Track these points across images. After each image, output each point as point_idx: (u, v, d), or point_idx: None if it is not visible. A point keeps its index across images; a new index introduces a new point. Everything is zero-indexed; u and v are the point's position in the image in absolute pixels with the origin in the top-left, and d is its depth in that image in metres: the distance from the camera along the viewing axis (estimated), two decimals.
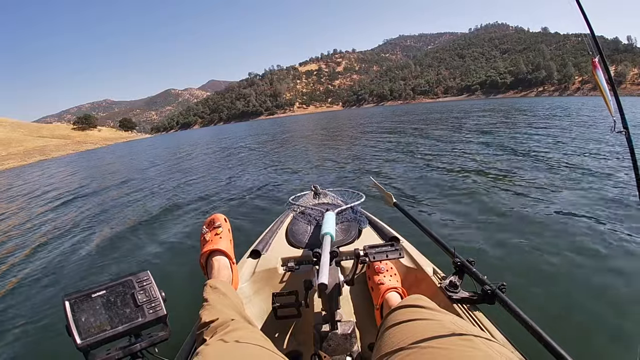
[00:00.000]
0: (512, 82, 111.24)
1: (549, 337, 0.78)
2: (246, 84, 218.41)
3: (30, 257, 3.68)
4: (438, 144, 8.35)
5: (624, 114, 0.96)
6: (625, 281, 2.03)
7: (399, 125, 16.49)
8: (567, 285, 2.03)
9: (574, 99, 46.30)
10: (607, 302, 1.85)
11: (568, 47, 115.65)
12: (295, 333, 1.20)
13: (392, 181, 4.96)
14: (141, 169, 10.96)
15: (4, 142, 44.65)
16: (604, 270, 2.16)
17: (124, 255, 3.33)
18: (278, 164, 8.07)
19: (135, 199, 5.93)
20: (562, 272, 2.16)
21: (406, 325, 0.71)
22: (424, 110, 33.44)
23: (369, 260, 1.04)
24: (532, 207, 3.34)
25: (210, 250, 1.12)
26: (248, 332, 0.77)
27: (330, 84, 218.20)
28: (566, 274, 2.15)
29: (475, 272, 1.06)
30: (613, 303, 1.84)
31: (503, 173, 4.79)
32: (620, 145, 6.14)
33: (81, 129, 72.09)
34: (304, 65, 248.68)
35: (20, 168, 25.16)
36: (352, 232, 1.50)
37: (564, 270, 2.18)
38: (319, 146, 11.03)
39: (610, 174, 4.36)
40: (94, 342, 0.68)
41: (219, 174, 7.60)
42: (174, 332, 0.80)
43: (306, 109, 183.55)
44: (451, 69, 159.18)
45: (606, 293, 1.93)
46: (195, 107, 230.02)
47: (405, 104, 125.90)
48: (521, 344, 0.85)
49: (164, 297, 0.78)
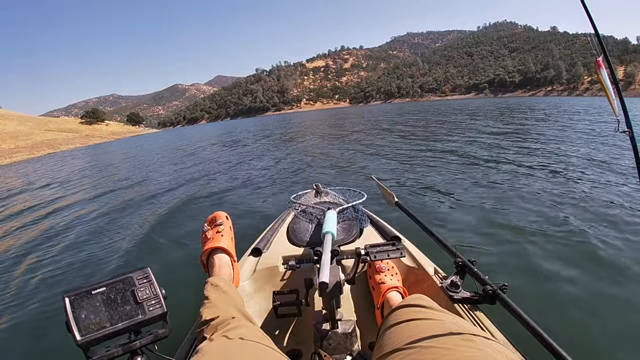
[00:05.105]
0: (521, 81, 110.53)
1: (550, 337, 0.78)
2: (253, 80, 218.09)
3: (30, 254, 3.69)
4: (442, 144, 8.29)
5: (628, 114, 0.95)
6: (626, 282, 2.01)
7: (406, 123, 16.41)
8: (568, 286, 2.01)
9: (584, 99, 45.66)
10: (608, 302, 1.84)
11: (577, 46, 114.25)
12: (296, 331, 1.20)
13: (394, 180, 4.94)
14: (143, 165, 11.00)
15: (12, 135, 45.08)
16: (605, 271, 2.15)
17: (124, 252, 3.32)
18: (281, 161, 8.07)
19: (136, 196, 5.94)
20: (564, 273, 2.15)
21: (407, 324, 0.71)
22: (432, 108, 33.22)
23: (370, 259, 1.05)
24: (534, 208, 3.31)
25: (211, 248, 1.12)
26: (248, 330, 0.77)
27: (337, 81, 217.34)
28: (567, 274, 2.13)
29: (477, 272, 1.06)
30: (614, 304, 1.83)
31: (506, 174, 4.75)
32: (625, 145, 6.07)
33: (89, 123, 72.54)
34: (311, 61, 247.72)
35: (28, 161, 25.37)
36: (353, 231, 1.50)
37: (566, 271, 2.17)
38: (323, 144, 11.00)
39: (615, 174, 4.32)
40: (94, 338, 0.68)
41: (221, 171, 7.61)
42: (174, 330, 0.80)
43: (313, 106, 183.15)
44: (459, 67, 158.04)
45: (607, 294, 1.92)
46: (202, 102, 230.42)
47: (413, 101, 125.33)
48: (522, 345, 0.86)
49: (164, 294, 0.79)
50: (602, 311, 1.78)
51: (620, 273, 2.12)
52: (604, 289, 1.97)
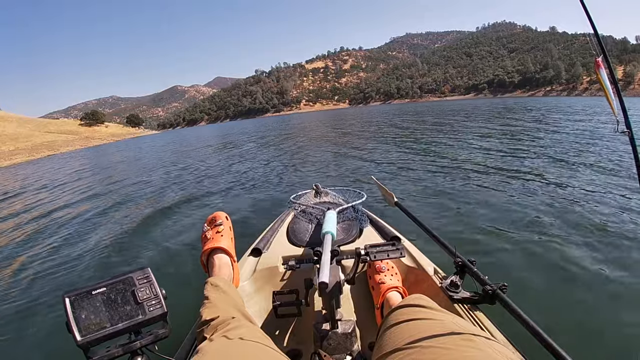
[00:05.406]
0: (520, 81, 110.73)
1: (550, 337, 0.78)
2: (253, 81, 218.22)
3: (30, 254, 3.69)
4: (442, 144, 8.30)
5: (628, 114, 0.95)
6: (626, 282, 2.01)
7: (405, 124, 16.43)
8: (569, 286, 2.02)
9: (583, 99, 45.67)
10: (608, 303, 1.84)
11: (576, 46, 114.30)
12: (296, 332, 1.20)
13: (394, 181, 4.95)
14: (143, 166, 11.01)
15: (11, 137, 45.09)
16: (605, 271, 2.14)
17: (125, 252, 3.33)
18: (280, 162, 8.08)
19: (136, 197, 5.95)
20: (564, 273, 2.15)
21: (407, 324, 0.71)
22: (431, 109, 33.26)
23: (369, 259, 1.05)
24: (534, 208, 3.31)
25: (211, 248, 1.12)
26: (248, 330, 0.77)
27: (337, 82, 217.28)
28: (568, 275, 2.13)
29: (477, 272, 1.06)
30: (614, 304, 1.83)
31: (505, 174, 4.75)
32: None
33: (88, 125, 72.41)
34: (310, 62, 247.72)
35: (28, 163, 25.35)
36: (353, 231, 1.50)
37: (566, 272, 2.17)
38: (323, 144, 11.00)
39: (615, 175, 4.33)
40: (94, 339, 0.68)
41: (220, 172, 7.62)
42: (175, 330, 0.80)
43: (313, 107, 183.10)
44: (458, 67, 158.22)
45: (607, 294, 1.92)
46: (202, 103, 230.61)
47: (412, 102, 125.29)
48: (522, 344, 0.86)
49: (164, 294, 0.79)
50: (603, 311, 1.78)
51: (620, 273, 2.12)
52: (604, 289, 1.98)
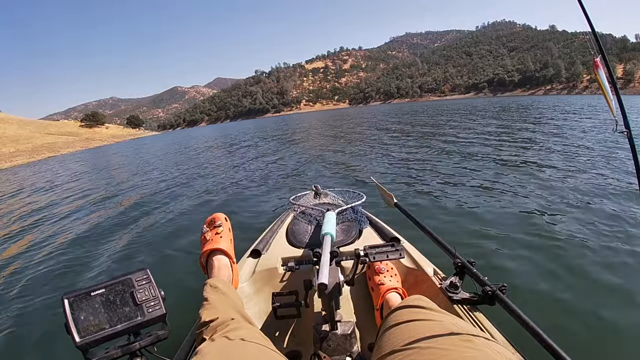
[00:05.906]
0: (520, 80, 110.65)
1: (550, 338, 0.78)
2: (253, 82, 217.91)
3: (29, 254, 3.71)
4: (442, 145, 8.30)
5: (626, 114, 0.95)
6: (627, 283, 2.01)
7: (405, 124, 16.44)
8: (568, 286, 2.02)
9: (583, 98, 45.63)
10: (608, 303, 1.84)
11: (576, 45, 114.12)
12: (295, 333, 1.20)
13: (394, 182, 4.95)
14: (143, 168, 11.02)
15: (12, 139, 45.13)
16: (605, 271, 2.14)
17: (124, 253, 3.33)
18: (280, 163, 8.09)
19: (135, 198, 5.95)
20: (563, 274, 2.15)
21: (406, 325, 0.71)
22: (431, 108, 33.24)
23: (369, 260, 1.04)
24: (533, 209, 3.32)
25: (210, 250, 1.12)
26: (248, 332, 0.77)
27: (337, 82, 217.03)
28: (567, 275, 2.13)
29: (476, 273, 1.06)
30: (614, 304, 1.83)
31: (506, 175, 4.75)
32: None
33: (89, 126, 72.42)
34: (310, 62, 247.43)
35: (28, 164, 25.37)
36: (352, 232, 1.50)
37: (565, 272, 2.17)
38: (322, 145, 11.02)
39: (615, 174, 4.33)
40: (93, 340, 0.68)
41: (220, 173, 7.63)
42: (174, 331, 0.80)
43: (313, 107, 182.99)
44: (458, 66, 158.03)
45: (607, 294, 1.92)
46: (202, 104, 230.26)
47: (413, 101, 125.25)
48: (521, 345, 0.86)
49: (163, 296, 0.79)
50: (602, 311, 1.77)
51: (620, 273, 2.12)
52: (604, 289, 1.98)
